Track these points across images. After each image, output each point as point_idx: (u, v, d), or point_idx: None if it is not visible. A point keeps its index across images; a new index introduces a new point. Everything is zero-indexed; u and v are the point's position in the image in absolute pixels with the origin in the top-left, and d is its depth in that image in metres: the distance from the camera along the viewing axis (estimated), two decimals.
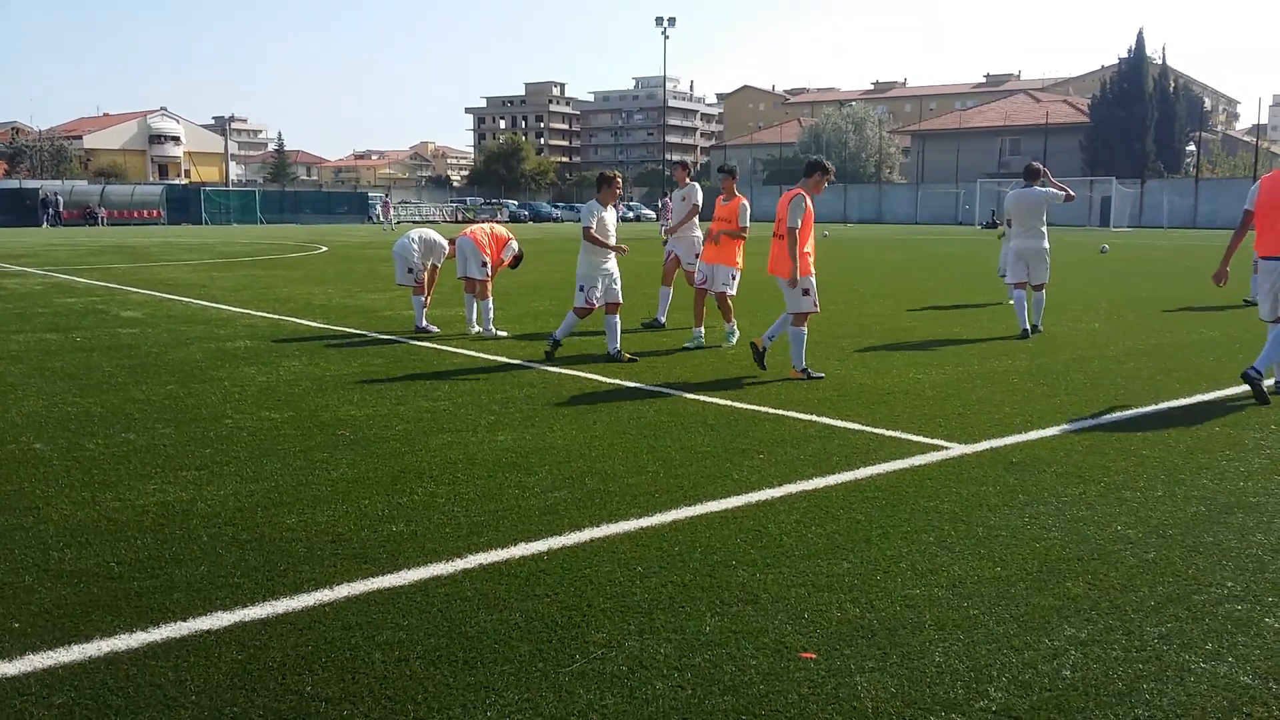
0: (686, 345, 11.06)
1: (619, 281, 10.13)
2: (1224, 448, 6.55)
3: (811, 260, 9.16)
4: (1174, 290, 18.79)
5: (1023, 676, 3.41)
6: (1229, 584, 4.24)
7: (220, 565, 4.37)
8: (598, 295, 9.98)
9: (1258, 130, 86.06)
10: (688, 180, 12.69)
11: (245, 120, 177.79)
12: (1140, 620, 3.87)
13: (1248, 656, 3.57)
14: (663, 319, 12.98)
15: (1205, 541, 4.77)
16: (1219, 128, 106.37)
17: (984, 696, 3.27)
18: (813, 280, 9.10)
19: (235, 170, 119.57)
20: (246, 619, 3.83)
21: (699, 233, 12.31)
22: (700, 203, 12.41)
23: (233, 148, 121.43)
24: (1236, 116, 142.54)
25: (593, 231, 9.84)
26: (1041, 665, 3.49)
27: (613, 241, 9.98)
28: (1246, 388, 8.15)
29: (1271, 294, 8.29)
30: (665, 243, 12.99)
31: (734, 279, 11.25)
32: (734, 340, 11.18)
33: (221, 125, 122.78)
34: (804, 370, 9.05)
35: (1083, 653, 3.59)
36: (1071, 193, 12.59)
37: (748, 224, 11.17)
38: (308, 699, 3.23)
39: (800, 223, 9.00)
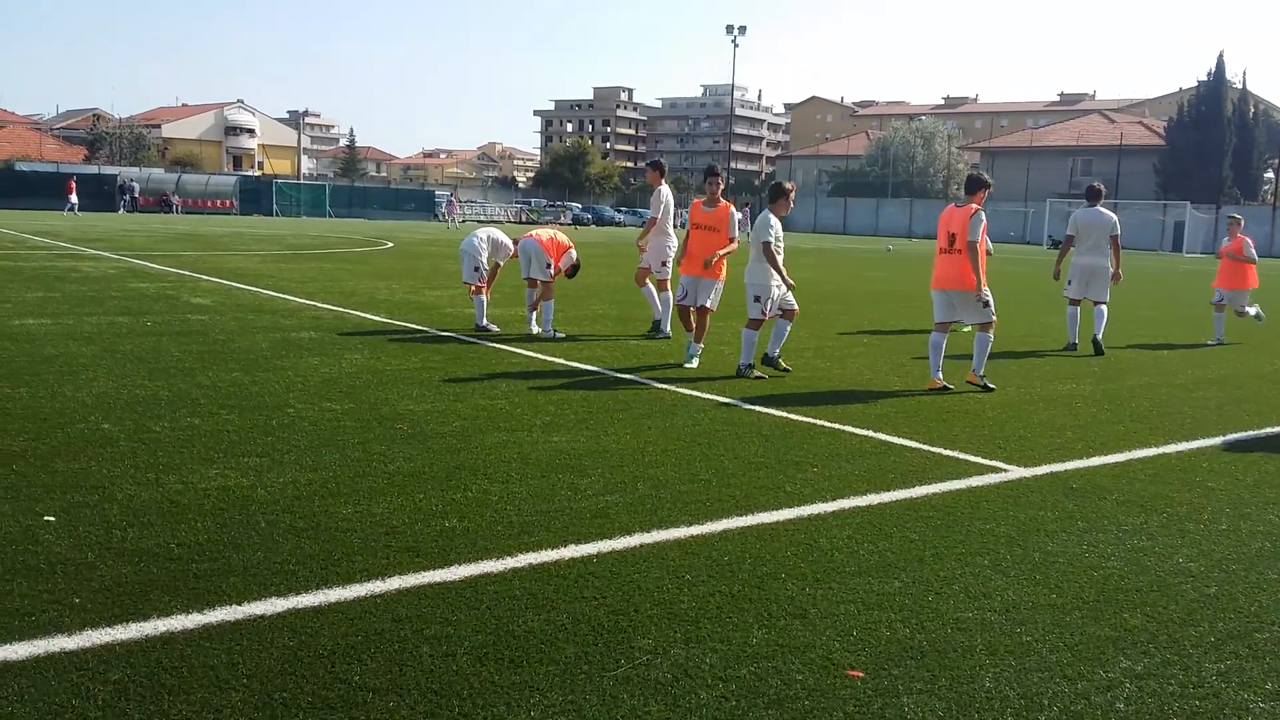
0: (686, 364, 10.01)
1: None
2: None
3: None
4: (1246, 320, 18.31)
5: (1074, 707, 3.35)
6: None
7: (276, 552, 4.44)
8: (771, 307, 9.71)
9: None
10: (660, 182, 12.32)
11: (318, 115, 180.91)
12: (1199, 656, 3.78)
13: None
14: (667, 329, 12.24)
15: (1269, 578, 4.64)
16: None
17: None
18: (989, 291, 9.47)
19: (307, 164, 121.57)
20: (299, 606, 3.88)
21: (671, 241, 12.16)
22: (659, 214, 12.12)
23: (305, 142, 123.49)
24: None
25: (773, 247, 9.56)
26: (1095, 696, 3.42)
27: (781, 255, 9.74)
28: None
29: None
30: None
31: (717, 293, 10.23)
32: (695, 363, 9.99)
33: (295, 119, 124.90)
34: (982, 378, 9.43)
35: (1138, 686, 3.51)
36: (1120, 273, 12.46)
37: (736, 234, 10.21)
38: (355, 688, 3.27)
39: (980, 236, 9.35)
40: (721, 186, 10.77)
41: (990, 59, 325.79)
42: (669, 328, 12.21)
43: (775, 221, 9.66)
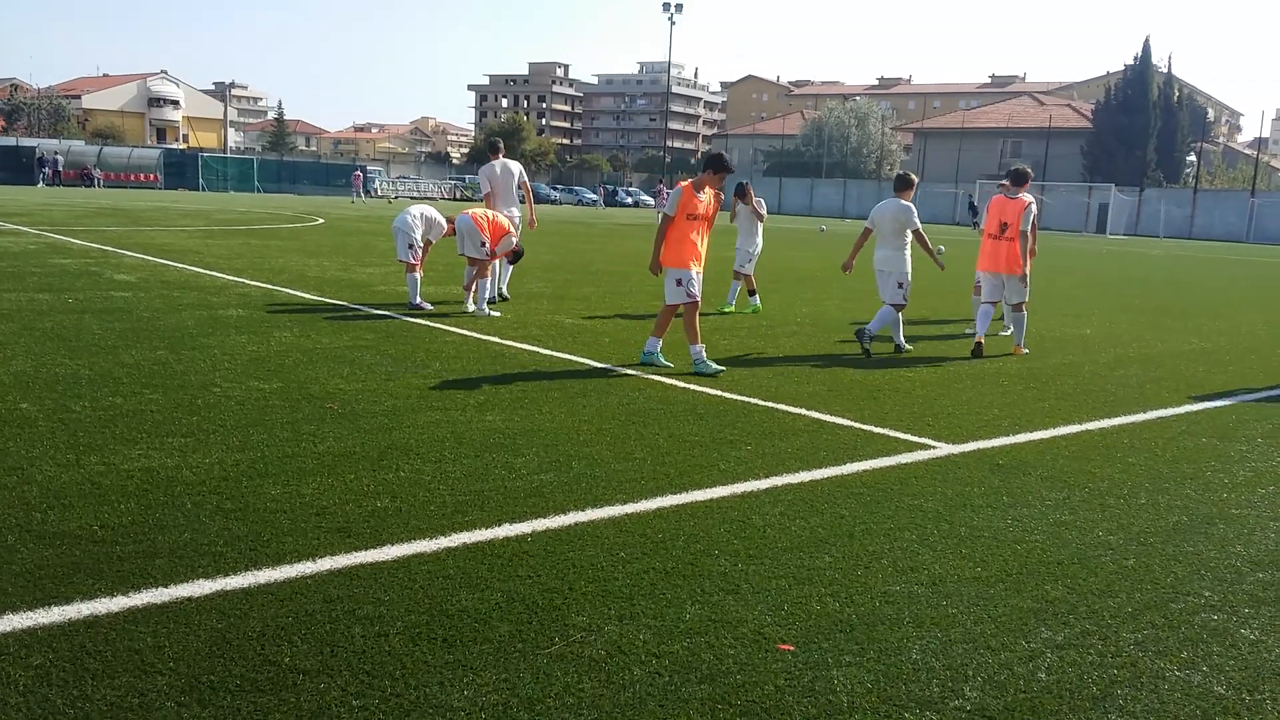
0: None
1: None
2: (1209, 459, 6.58)
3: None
4: (1166, 299, 18.84)
5: (998, 677, 3.43)
6: (1207, 594, 4.27)
7: (203, 533, 4.37)
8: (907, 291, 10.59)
9: (1259, 143, 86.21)
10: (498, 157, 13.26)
11: (246, 87, 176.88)
12: (1117, 626, 3.90)
13: (1222, 666, 3.60)
14: None
15: (1185, 551, 4.80)
16: (1220, 139, 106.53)
17: (959, 695, 3.29)
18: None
19: (234, 137, 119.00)
20: (227, 588, 3.83)
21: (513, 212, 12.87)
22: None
23: (232, 114, 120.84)
24: (1239, 129, 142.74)
25: (922, 231, 10.54)
26: (1017, 667, 3.52)
27: None
28: (1233, 399, 8.18)
29: None
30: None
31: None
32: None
33: (222, 91, 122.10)
34: (1023, 349, 10.67)
35: (1059, 656, 3.61)
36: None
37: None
38: (285, 670, 3.24)
39: (1031, 225, 10.57)
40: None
41: (923, 40, 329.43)
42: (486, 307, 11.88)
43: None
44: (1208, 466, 6.38)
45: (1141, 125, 75.98)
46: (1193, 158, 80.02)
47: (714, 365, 8.78)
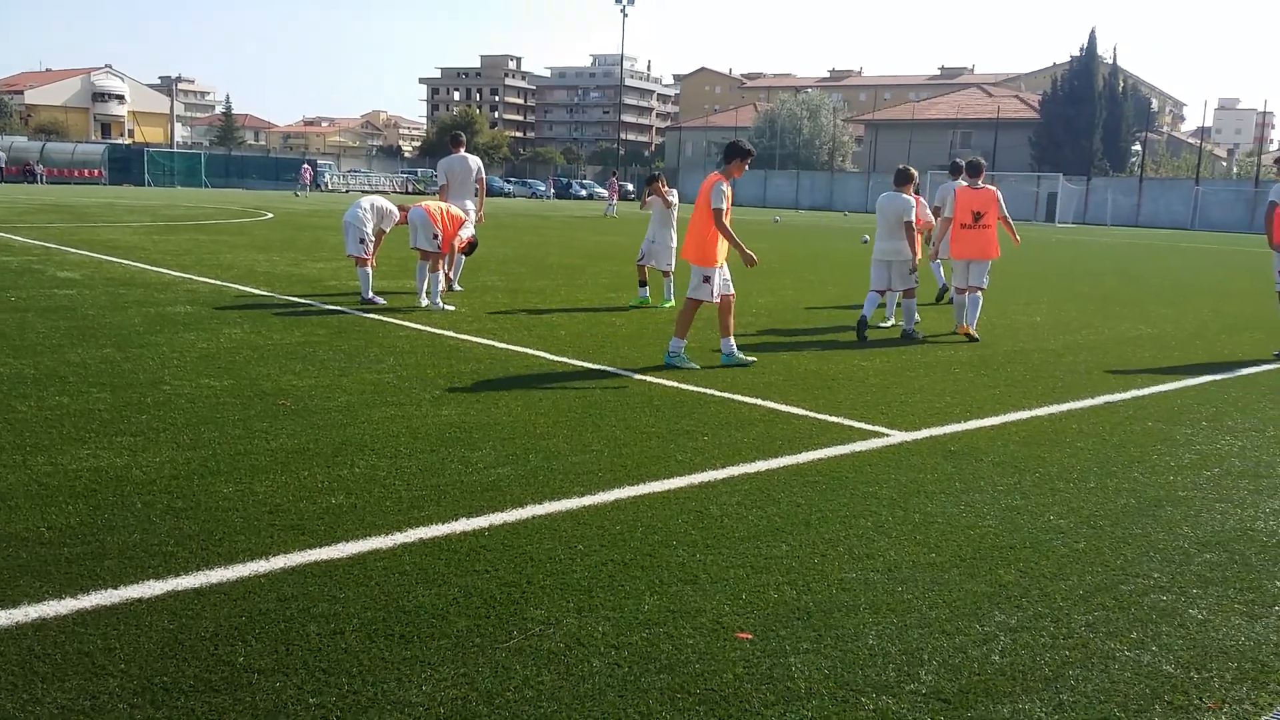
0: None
1: None
2: (1155, 443, 6.70)
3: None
4: (1114, 286, 19.15)
5: (953, 660, 3.47)
6: (1155, 575, 4.35)
7: (154, 533, 4.30)
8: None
9: (1201, 133, 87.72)
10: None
11: (192, 81, 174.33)
12: (1069, 608, 3.96)
13: (1171, 646, 3.67)
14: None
15: (1134, 533, 4.88)
16: (1164, 129, 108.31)
17: (914, 679, 3.33)
18: None
19: (181, 132, 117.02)
20: (179, 588, 3.77)
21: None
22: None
23: (179, 109, 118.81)
24: (1182, 119, 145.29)
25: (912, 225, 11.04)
26: (971, 650, 3.56)
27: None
28: (1179, 384, 8.34)
29: None
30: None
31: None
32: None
33: (168, 85, 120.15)
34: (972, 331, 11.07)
35: (1012, 639, 3.66)
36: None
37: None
38: (239, 670, 3.20)
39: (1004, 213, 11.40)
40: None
41: (874, 32, 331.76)
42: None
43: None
44: (1154, 450, 6.50)
45: (1088, 115, 77.04)
46: (1138, 147, 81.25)
47: (746, 356, 8.93)
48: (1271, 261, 11.46)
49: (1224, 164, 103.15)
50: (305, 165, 63.60)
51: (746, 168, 9.02)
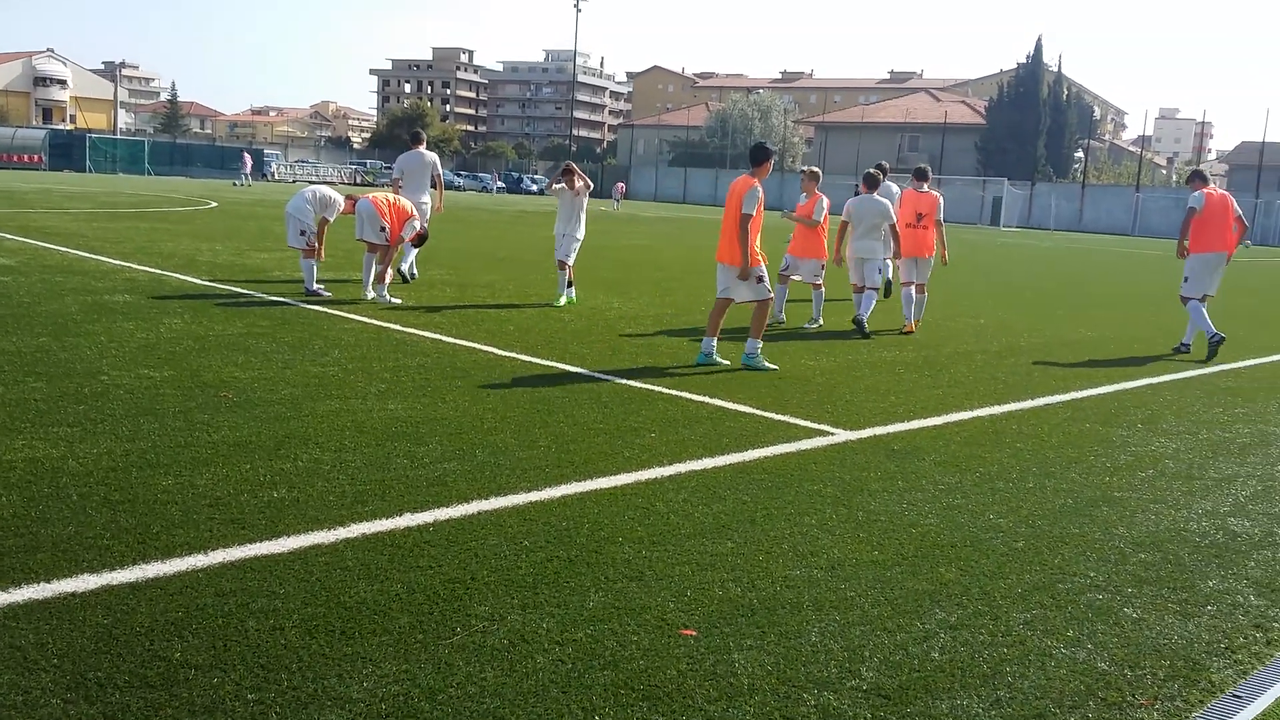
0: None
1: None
2: (1093, 444, 6.83)
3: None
4: (1056, 290, 19.48)
5: (894, 657, 3.51)
6: (1091, 574, 4.43)
7: (89, 526, 4.21)
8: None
9: (1142, 141, 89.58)
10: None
11: (137, 67, 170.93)
12: (1007, 606, 4.02)
13: (1106, 644, 3.74)
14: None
15: (1071, 533, 4.97)
16: (1107, 136, 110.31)
17: (856, 676, 3.36)
18: None
19: (124, 118, 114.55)
20: (114, 582, 3.70)
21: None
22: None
23: (122, 95, 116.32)
24: (1124, 127, 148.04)
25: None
26: (912, 647, 3.60)
27: None
28: (1116, 386, 8.50)
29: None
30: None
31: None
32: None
33: (111, 71, 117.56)
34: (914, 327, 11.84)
35: (951, 636, 3.72)
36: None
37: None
38: (176, 665, 3.15)
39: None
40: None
41: (825, 35, 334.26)
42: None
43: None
44: (1091, 451, 6.62)
45: (1033, 122, 78.24)
46: (1081, 154, 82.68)
47: (768, 364, 8.96)
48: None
49: (1164, 172, 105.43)
50: (245, 154, 62.21)
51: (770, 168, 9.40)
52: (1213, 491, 5.86)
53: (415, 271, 13.90)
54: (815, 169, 12.20)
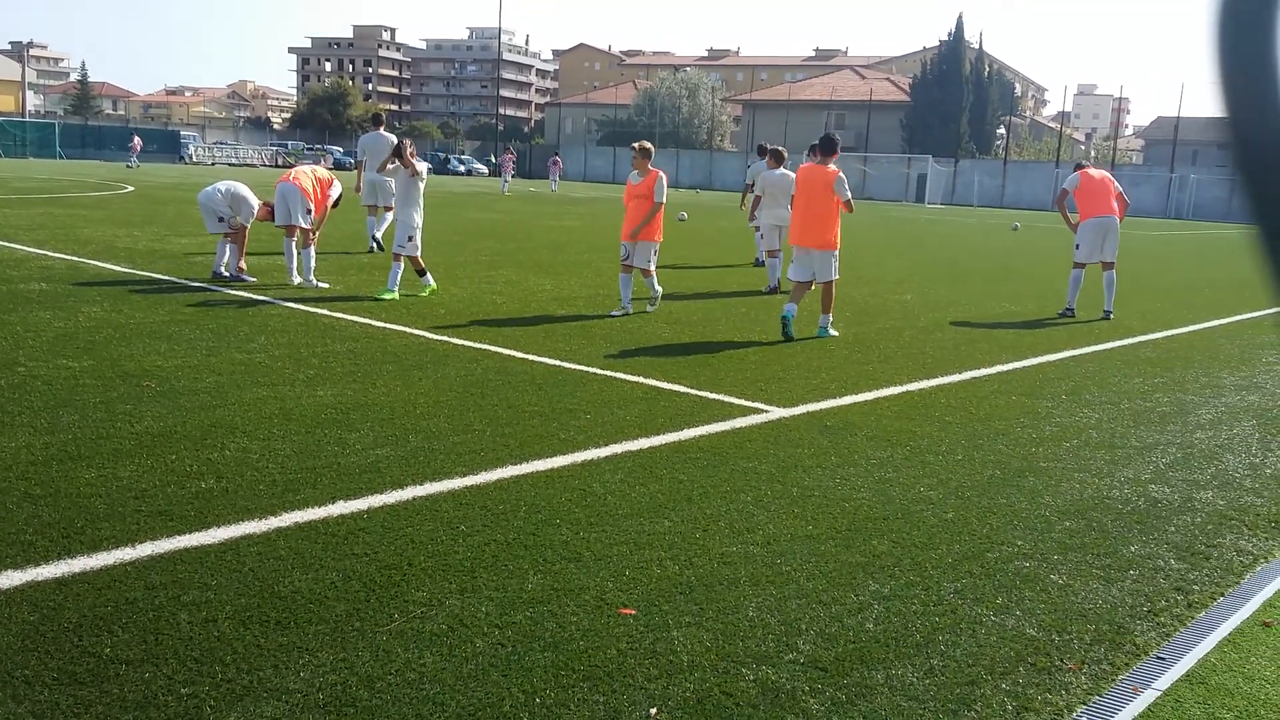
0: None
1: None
2: (1019, 415, 6.99)
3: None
4: (981, 265, 19.85)
5: (829, 630, 3.57)
6: (1019, 543, 4.54)
7: (10, 522, 4.09)
8: None
9: (1062, 117, 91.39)
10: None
11: (45, 47, 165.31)
12: (938, 576, 4.10)
13: (1034, 610, 3.84)
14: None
15: (999, 503, 5.09)
16: (1028, 113, 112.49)
17: (793, 649, 3.41)
18: None
19: (33, 100, 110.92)
20: (39, 578, 3.60)
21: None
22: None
23: (30, 76, 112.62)
24: (1044, 103, 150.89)
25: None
26: (847, 619, 3.66)
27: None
28: (1040, 359, 8.70)
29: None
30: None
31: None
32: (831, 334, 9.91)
33: (18, 51, 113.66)
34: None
35: (885, 607, 3.78)
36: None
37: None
38: (106, 661, 3.08)
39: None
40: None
41: (750, 12, 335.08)
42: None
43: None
44: (1018, 423, 6.77)
45: (955, 99, 79.36)
46: (1002, 130, 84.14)
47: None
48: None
49: (1082, 147, 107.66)
50: (135, 136, 59.90)
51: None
52: (1134, 460, 6.04)
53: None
54: (647, 144, 11.02)
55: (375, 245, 15.28)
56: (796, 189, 10.24)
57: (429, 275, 11.29)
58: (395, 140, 13.95)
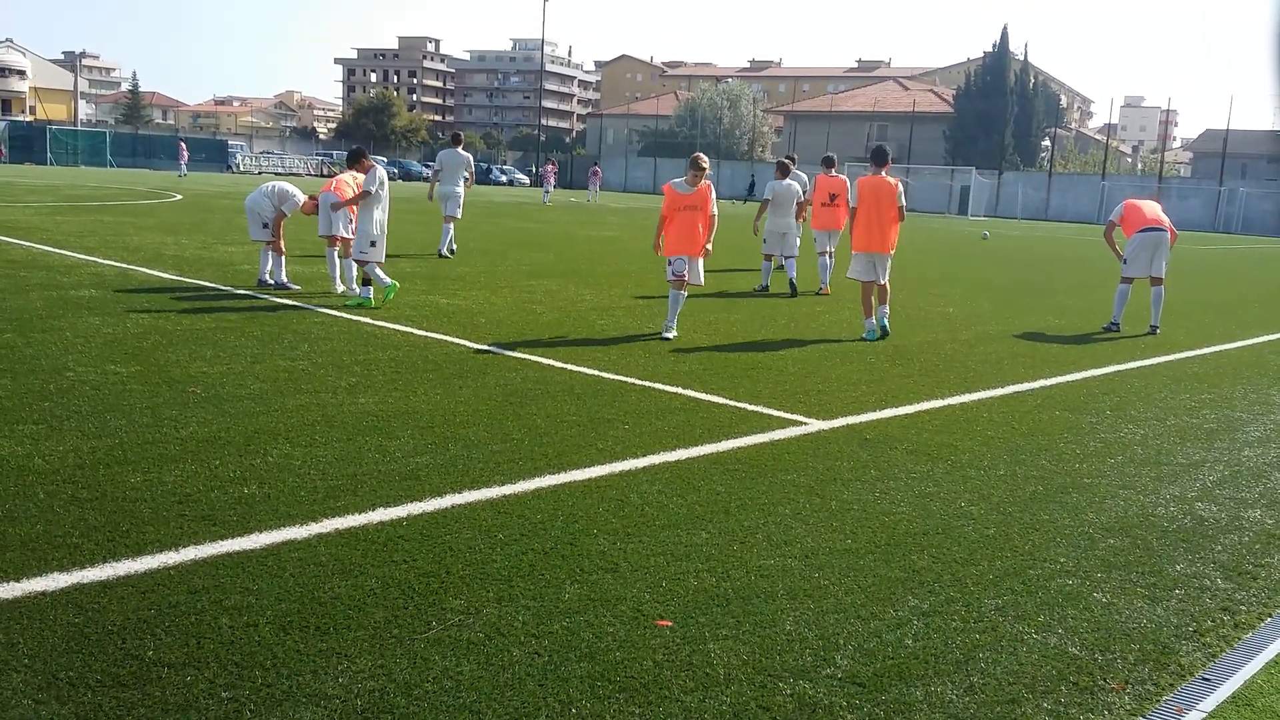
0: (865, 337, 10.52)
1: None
2: (1062, 431, 6.90)
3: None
4: (1024, 277, 19.64)
5: (868, 645, 3.54)
6: (1062, 560, 4.48)
7: (58, 524, 4.16)
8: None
9: (1108, 129, 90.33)
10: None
11: (98, 57, 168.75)
12: (979, 592, 4.06)
13: (1076, 629, 3.78)
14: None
15: (1042, 519, 5.02)
16: (1073, 125, 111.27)
17: (831, 664, 3.38)
18: None
19: (85, 109, 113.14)
20: (84, 581, 3.66)
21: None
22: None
23: (83, 85, 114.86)
24: (1090, 115, 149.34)
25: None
26: (886, 634, 3.63)
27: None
28: (1084, 374, 8.59)
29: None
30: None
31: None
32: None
33: (71, 61, 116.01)
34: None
35: (925, 623, 3.74)
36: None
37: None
38: (149, 663, 3.12)
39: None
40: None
41: (793, 23, 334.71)
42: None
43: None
44: (1061, 438, 6.69)
45: (1000, 110, 78.73)
46: (1047, 142, 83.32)
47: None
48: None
49: (1129, 160, 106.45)
50: (181, 144, 60.41)
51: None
52: (1180, 477, 5.94)
53: (454, 247, 16.86)
54: (704, 159, 9.98)
55: (447, 251, 16.78)
56: (861, 199, 10.66)
57: (370, 289, 10.81)
58: (469, 157, 17.29)
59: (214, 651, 3.22)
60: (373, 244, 10.73)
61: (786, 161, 15.12)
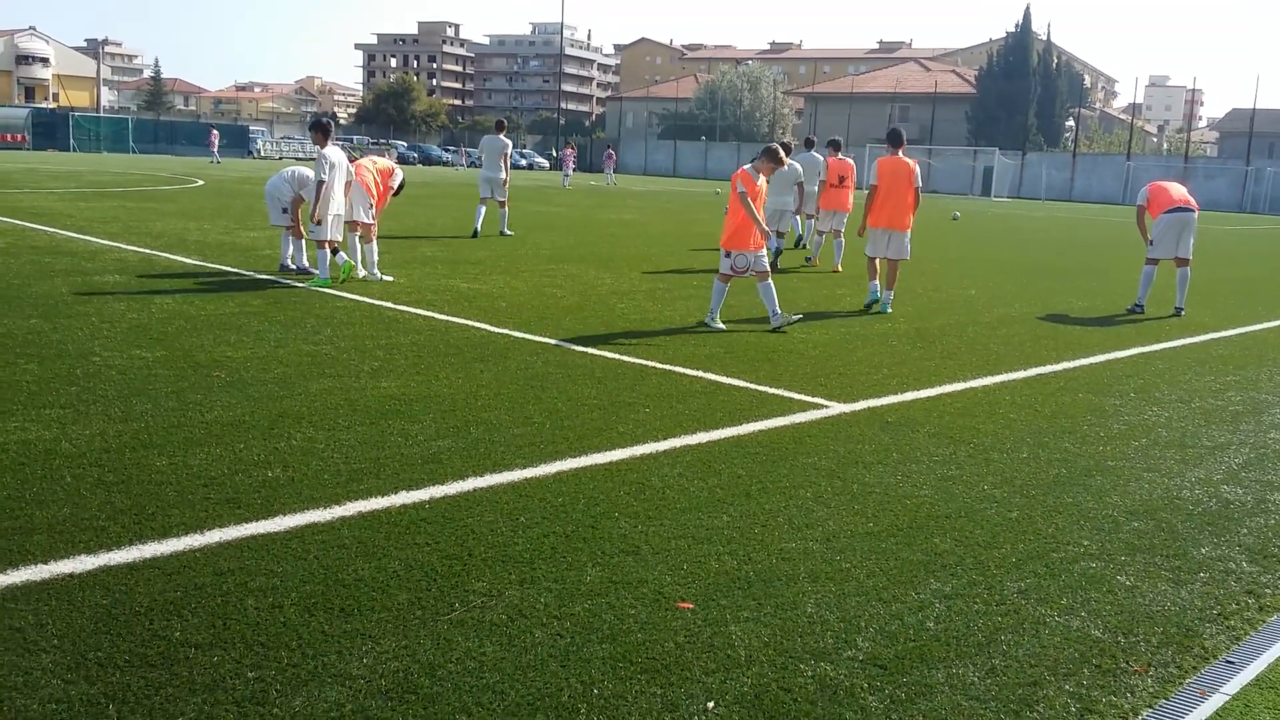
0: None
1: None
2: (1086, 413, 6.86)
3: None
4: (1047, 259, 19.50)
5: (889, 628, 3.54)
6: (1085, 543, 4.46)
7: (85, 507, 4.21)
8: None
9: (1133, 109, 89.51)
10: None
11: (120, 44, 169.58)
12: (1001, 575, 4.05)
13: (1099, 611, 3.77)
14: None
15: (1065, 502, 5.00)
16: (1097, 105, 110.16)
17: (852, 646, 3.38)
18: None
19: (108, 96, 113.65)
20: (112, 563, 3.70)
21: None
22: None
23: (105, 72, 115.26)
24: (1114, 95, 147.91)
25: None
26: (907, 617, 3.63)
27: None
28: (1108, 356, 8.53)
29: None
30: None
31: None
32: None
33: (94, 48, 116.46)
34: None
35: (946, 605, 3.74)
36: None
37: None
38: (176, 644, 3.16)
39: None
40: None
41: (813, 5, 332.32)
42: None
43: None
44: (1085, 421, 6.65)
45: (1023, 91, 78.08)
46: (1071, 123, 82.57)
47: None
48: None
49: (1154, 140, 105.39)
50: (212, 130, 60.62)
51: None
52: (1205, 459, 5.90)
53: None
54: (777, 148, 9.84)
55: (494, 231, 17.69)
56: (880, 178, 11.01)
57: (324, 269, 10.88)
58: (508, 144, 18.01)
59: (240, 632, 3.26)
60: (319, 223, 10.72)
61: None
